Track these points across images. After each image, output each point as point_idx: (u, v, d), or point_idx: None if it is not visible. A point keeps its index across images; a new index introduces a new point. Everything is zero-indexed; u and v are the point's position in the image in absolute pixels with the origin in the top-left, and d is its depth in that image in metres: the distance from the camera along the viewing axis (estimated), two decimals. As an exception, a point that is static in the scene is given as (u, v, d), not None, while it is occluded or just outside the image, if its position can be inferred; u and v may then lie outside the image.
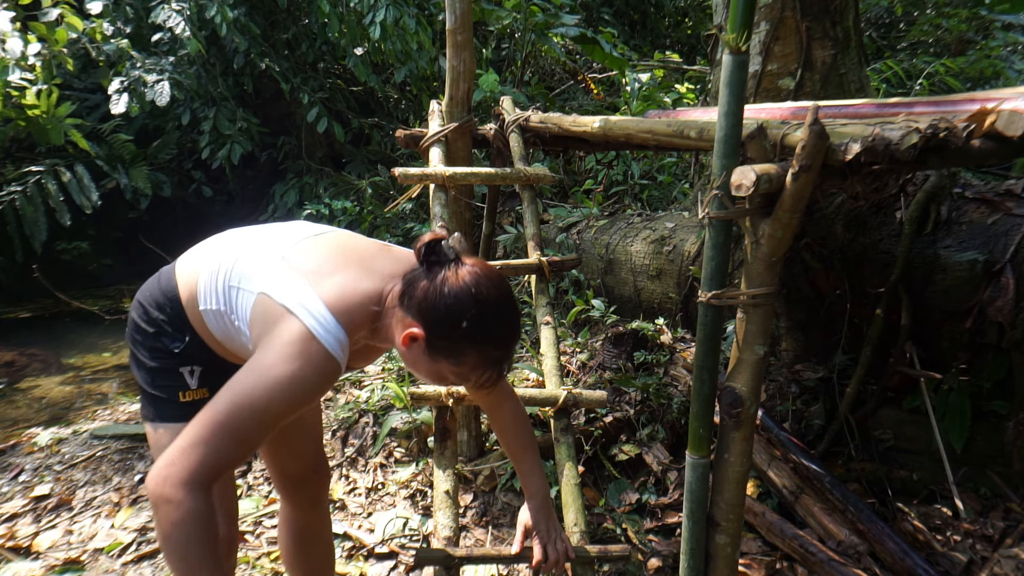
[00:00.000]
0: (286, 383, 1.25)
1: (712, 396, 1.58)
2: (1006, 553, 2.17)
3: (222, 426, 1.22)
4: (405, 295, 1.35)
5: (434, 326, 1.32)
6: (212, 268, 1.45)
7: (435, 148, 2.60)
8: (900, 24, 6.84)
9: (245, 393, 1.24)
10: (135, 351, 1.54)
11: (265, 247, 1.46)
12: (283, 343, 1.27)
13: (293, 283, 1.34)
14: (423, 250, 1.36)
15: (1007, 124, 1.34)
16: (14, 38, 4.73)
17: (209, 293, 1.44)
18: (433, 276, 1.33)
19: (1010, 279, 2.22)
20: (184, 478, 1.18)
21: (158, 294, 1.51)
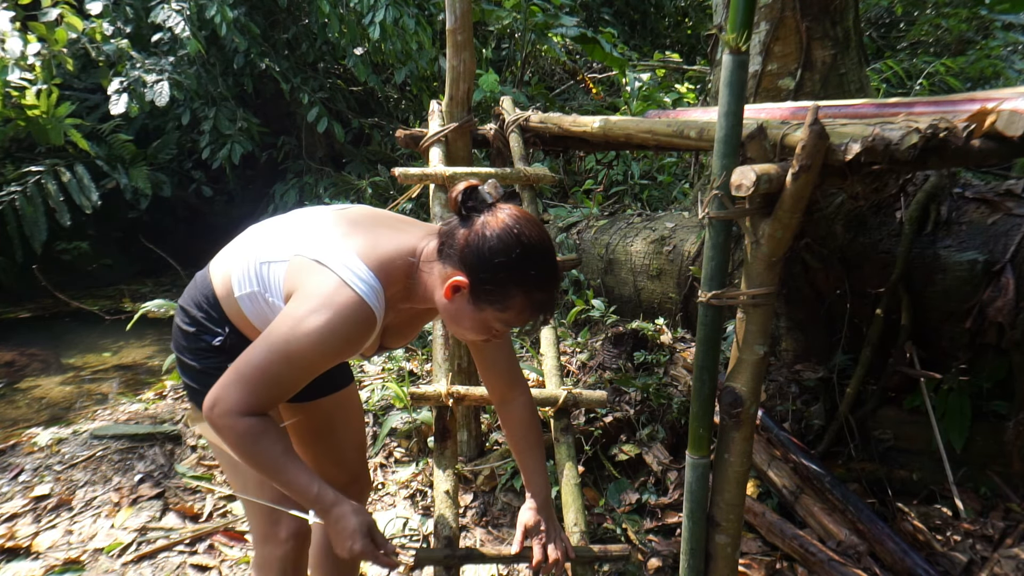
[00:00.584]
0: (317, 331, 1.27)
1: (712, 396, 1.58)
2: (1006, 553, 2.17)
3: (259, 370, 1.28)
4: (444, 247, 1.36)
5: (479, 270, 1.31)
6: (243, 255, 1.48)
7: (435, 148, 2.60)
8: (900, 24, 6.84)
9: (280, 340, 1.28)
10: (182, 357, 1.55)
11: (293, 225, 1.51)
12: (315, 293, 1.30)
13: (323, 240, 1.39)
14: (460, 197, 1.35)
15: (1007, 124, 1.34)
16: (14, 38, 4.73)
17: (243, 279, 1.45)
18: (472, 222, 1.33)
19: (1010, 279, 2.22)
20: (229, 408, 1.27)
21: (196, 294, 1.54)
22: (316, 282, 1.31)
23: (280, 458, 1.31)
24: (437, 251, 1.37)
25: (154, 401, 3.50)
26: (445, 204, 2.36)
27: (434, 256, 1.38)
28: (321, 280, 1.31)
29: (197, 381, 1.53)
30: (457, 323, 1.41)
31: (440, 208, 2.34)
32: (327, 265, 1.32)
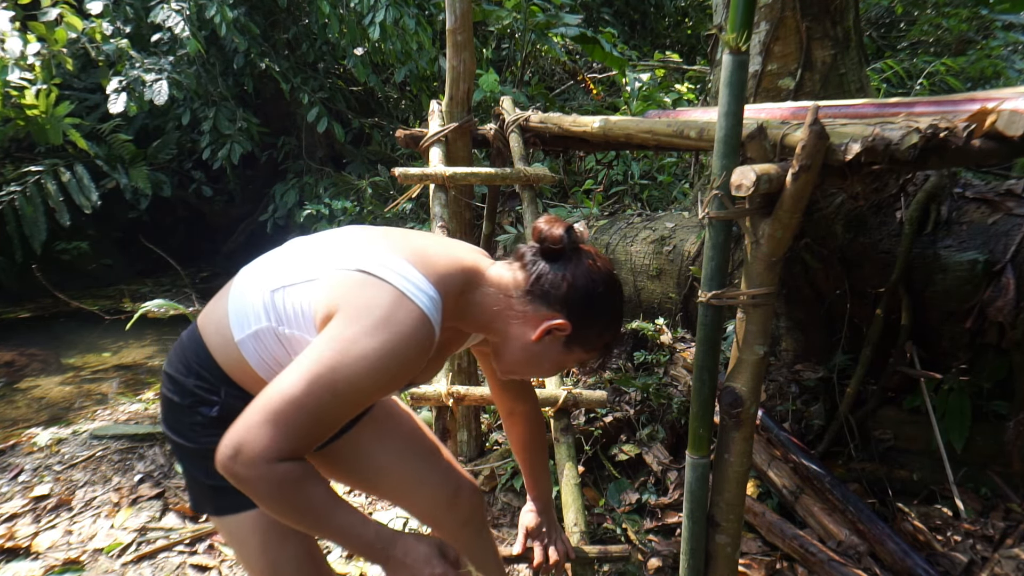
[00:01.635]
0: (374, 355, 1.07)
1: (712, 396, 1.57)
2: (1006, 553, 2.17)
3: (296, 404, 1.05)
4: (538, 285, 1.25)
5: (584, 315, 1.26)
6: (244, 292, 1.27)
7: (435, 148, 2.60)
8: (900, 24, 6.84)
9: (324, 368, 1.06)
10: (176, 439, 1.32)
11: (307, 247, 1.30)
12: (367, 309, 1.10)
13: (362, 251, 1.19)
14: (567, 237, 1.26)
15: (1007, 124, 1.33)
16: (13, 38, 4.73)
17: (247, 316, 1.24)
18: (574, 264, 1.26)
19: (1010, 279, 2.22)
20: (260, 454, 1.03)
21: (184, 356, 1.32)
22: (367, 296, 1.11)
23: (327, 504, 1.11)
24: (528, 289, 1.26)
25: (154, 401, 3.50)
26: (445, 204, 2.35)
27: (521, 291, 1.26)
28: (374, 293, 1.11)
29: (195, 467, 1.30)
30: (533, 364, 1.33)
31: (440, 208, 2.34)
32: (378, 275, 1.13)
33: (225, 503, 1.30)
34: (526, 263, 1.29)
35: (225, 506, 1.31)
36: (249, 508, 1.30)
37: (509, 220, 5.00)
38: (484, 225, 3.19)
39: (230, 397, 1.27)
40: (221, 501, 1.31)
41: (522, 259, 1.30)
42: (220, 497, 1.30)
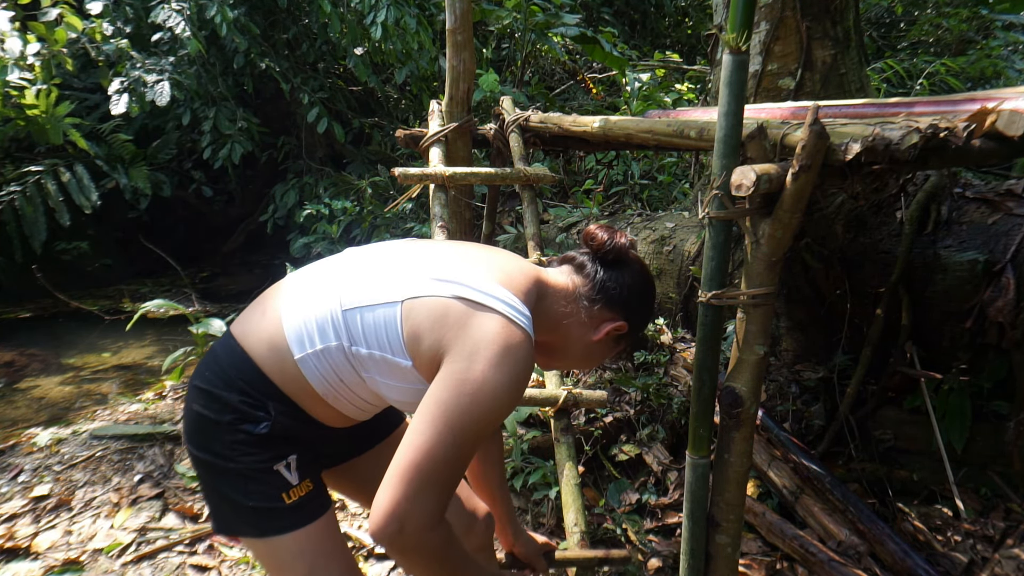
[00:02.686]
0: (504, 391, 1.11)
1: (712, 396, 1.57)
2: (1007, 553, 2.17)
3: (447, 462, 1.08)
4: (599, 292, 1.34)
5: (639, 315, 1.39)
6: (300, 308, 1.24)
7: (435, 148, 2.60)
8: (900, 24, 6.84)
9: (465, 415, 1.08)
10: (206, 457, 1.25)
11: (365, 264, 1.28)
12: (483, 341, 1.11)
13: (451, 271, 1.20)
14: (628, 244, 1.37)
15: (1007, 124, 1.33)
16: (13, 38, 4.73)
17: (310, 332, 1.22)
18: (628, 269, 1.37)
19: (1010, 279, 2.22)
20: (425, 523, 1.08)
21: (225, 371, 1.25)
22: (478, 327, 1.12)
23: (469, 561, 1.20)
24: (591, 294, 1.34)
25: (154, 401, 3.50)
26: (445, 204, 2.35)
27: (585, 296, 1.34)
28: (482, 323, 1.13)
29: (231, 487, 1.24)
30: (589, 359, 1.42)
31: (440, 208, 2.34)
32: (479, 302, 1.15)
33: (270, 525, 1.27)
34: (586, 270, 1.36)
35: (270, 528, 1.27)
36: (294, 529, 1.26)
37: (509, 220, 5.00)
38: (484, 225, 3.19)
39: (279, 414, 1.24)
40: (265, 523, 1.26)
41: (579, 266, 1.38)
42: (264, 519, 1.26)
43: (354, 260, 1.32)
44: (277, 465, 1.24)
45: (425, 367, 1.18)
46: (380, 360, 1.20)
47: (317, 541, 1.29)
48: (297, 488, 1.26)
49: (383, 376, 1.23)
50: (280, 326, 1.24)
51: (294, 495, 1.26)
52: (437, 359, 1.14)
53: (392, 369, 1.21)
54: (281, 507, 1.25)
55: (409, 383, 1.22)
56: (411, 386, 1.22)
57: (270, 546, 1.29)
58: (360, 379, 1.24)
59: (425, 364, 1.17)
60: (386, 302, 1.19)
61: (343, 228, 5.67)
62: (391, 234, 5.52)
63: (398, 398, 1.27)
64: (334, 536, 1.34)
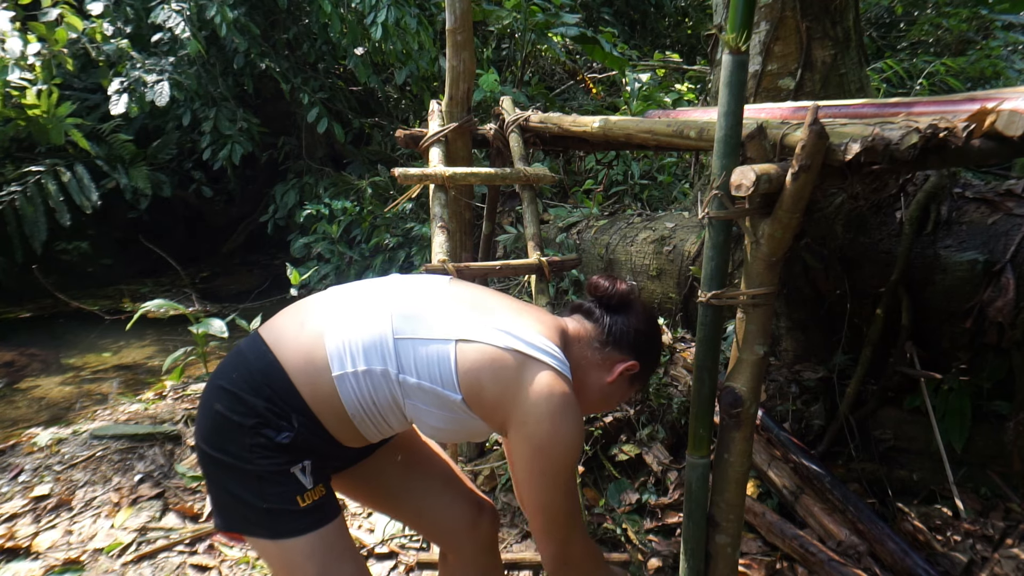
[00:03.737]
0: (574, 436, 1.30)
1: (712, 396, 1.58)
2: (1006, 553, 2.17)
3: (565, 506, 1.33)
4: (609, 336, 1.45)
5: (648, 355, 1.51)
6: (345, 328, 1.29)
7: (435, 148, 2.60)
8: (900, 24, 6.84)
9: (557, 470, 1.29)
10: (221, 457, 1.28)
11: (422, 299, 1.37)
12: (545, 398, 1.27)
13: (502, 323, 1.33)
14: (625, 292, 1.50)
15: (1007, 124, 1.34)
16: (14, 38, 4.73)
17: (354, 353, 1.27)
18: (632, 313, 1.49)
19: (1010, 279, 2.22)
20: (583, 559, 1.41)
21: (251, 374, 1.28)
22: (538, 385, 1.28)
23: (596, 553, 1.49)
24: (603, 339, 1.45)
25: (154, 401, 3.50)
26: (445, 204, 2.35)
27: (598, 342, 1.46)
28: (541, 379, 1.28)
29: (244, 488, 1.28)
30: (606, 401, 1.52)
31: (440, 208, 2.34)
32: (532, 356, 1.29)
33: (284, 527, 1.29)
34: (595, 317, 1.48)
35: (283, 530, 1.29)
36: (307, 531, 1.29)
37: (509, 220, 5.00)
38: (484, 225, 3.19)
39: (302, 426, 1.28)
40: (279, 525, 1.29)
41: (587, 312, 1.50)
42: (278, 521, 1.29)
43: (402, 289, 1.40)
44: (293, 468, 1.28)
45: (483, 409, 1.32)
46: (429, 391, 1.29)
47: (328, 544, 1.32)
48: (311, 492, 1.30)
49: (426, 405, 1.32)
50: (321, 342, 1.28)
51: (308, 499, 1.29)
52: (501, 410, 1.30)
53: (439, 400, 1.31)
54: (296, 510, 1.28)
55: (453, 413, 1.33)
56: (453, 415, 1.33)
57: (282, 548, 1.31)
58: (395, 405, 1.32)
59: (485, 408, 1.32)
60: (440, 339, 1.29)
61: (343, 228, 5.67)
62: (391, 234, 5.52)
63: (435, 424, 1.36)
64: (344, 539, 1.38)
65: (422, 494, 1.61)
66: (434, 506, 1.61)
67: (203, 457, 1.32)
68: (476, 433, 1.43)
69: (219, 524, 1.35)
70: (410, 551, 2.44)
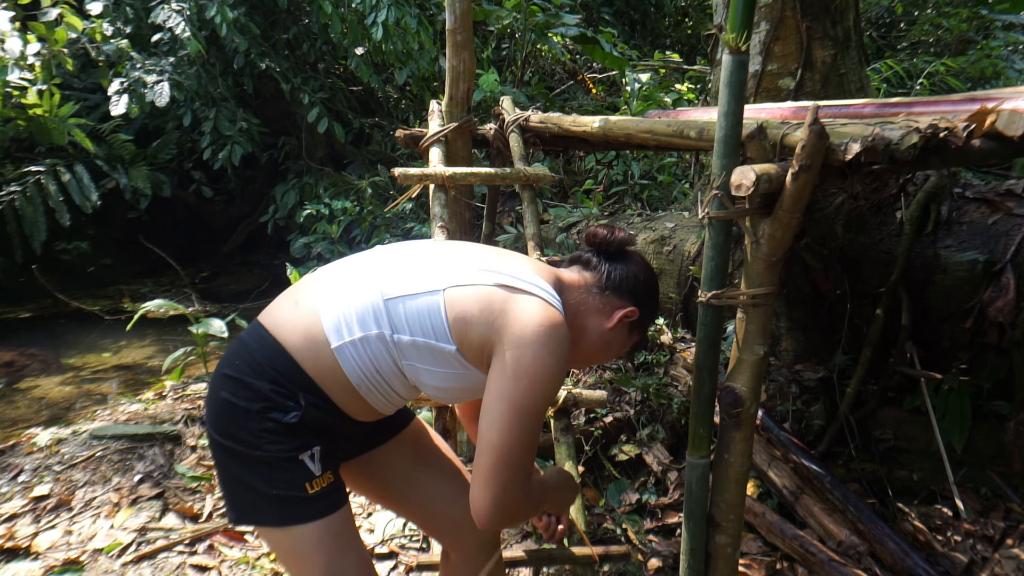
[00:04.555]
0: (554, 370, 1.23)
1: (712, 396, 1.57)
2: (1007, 553, 2.17)
3: (524, 447, 1.23)
4: (607, 281, 1.44)
5: (647, 301, 1.48)
6: (337, 299, 1.29)
7: (435, 148, 2.60)
8: (900, 24, 6.84)
9: (525, 403, 1.21)
10: (230, 444, 1.28)
11: (405, 259, 1.36)
12: (531, 327, 1.22)
13: (489, 264, 1.31)
14: (625, 238, 1.48)
15: (1007, 124, 1.33)
16: (13, 38, 4.73)
17: (348, 322, 1.27)
18: (630, 260, 1.47)
19: (1010, 279, 2.22)
20: (523, 505, 1.30)
21: (254, 358, 1.28)
22: (523, 311, 1.23)
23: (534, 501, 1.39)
24: (602, 285, 1.44)
25: (154, 401, 3.50)
26: (445, 204, 2.35)
27: (597, 287, 1.44)
28: (527, 307, 1.24)
29: (254, 475, 1.27)
30: (606, 349, 1.48)
31: (440, 208, 2.34)
32: (520, 288, 1.26)
33: (292, 514, 1.29)
34: (592, 264, 1.47)
35: (291, 517, 1.29)
36: (315, 519, 1.29)
37: (509, 220, 5.00)
38: (484, 225, 3.19)
39: (309, 404, 1.27)
40: (287, 512, 1.28)
41: (586, 262, 1.48)
42: (286, 508, 1.28)
43: (388, 255, 1.39)
44: (302, 455, 1.27)
45: (473, 352, 1.27)
46: (423, 346, 1.27)
47: (336, 532, 1.32)
48: (320, 479, 1.29)
49: (424, 363, 1.29)
50: (317, 316, 1.28)
51: (317, 485, 1.28)
52: (487, 346, 1.25)
53: (435, 355, 1.28)
54: (304, 496, 1.27)
55: (451, 368, 1.30)
56: (452, 371, 1.31)
57: (290, 536, 1.30)
58: (397, 368, 1.30)
59: (473, 349, 1.27)
60: (429, 290, 1.27)
61: (343, 228, 5.67)
62: (391, 234, 5.52)
63: (436, 383, 1.33)
64: (351, 529, 1.38)
65: (428, 490, 1.60)
66: (439, 502, 1.61)
67: (213, 446, 1.32)
68: (478, 389, 1.37)
69: (232, 518, 1.35)
70: (410, 551, 2.44)
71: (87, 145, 5.47)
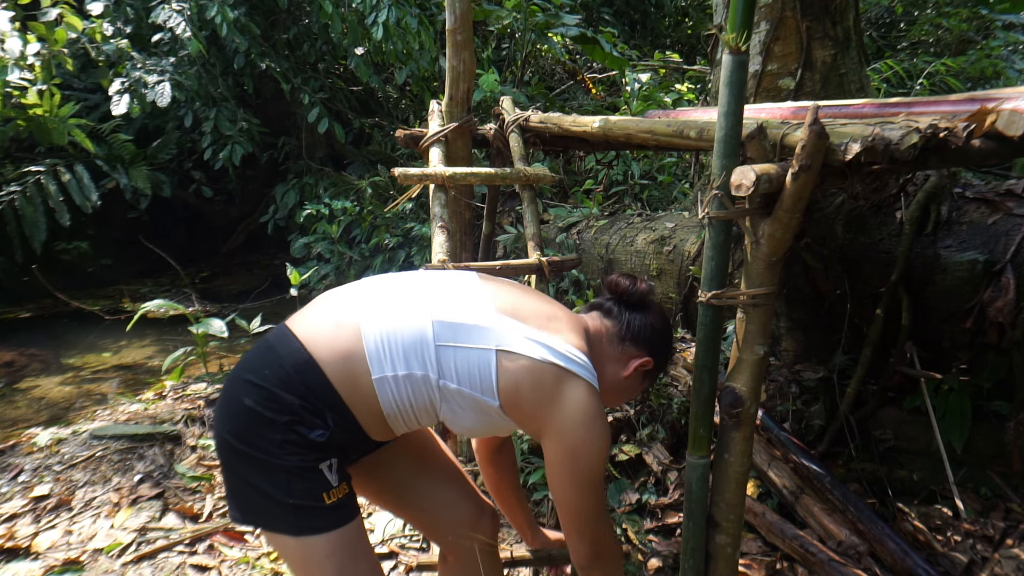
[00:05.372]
0: (602, 441, 1.36)
1: (712, 396, 1.58)
2: (1007, 553, 2.17)
3: (594, 506, 1.41)
4: (626, 332, 1.52)
5: (662, 352, 1.57)
6: (386, 328, 1.31)
7: (435, 148, 2.60)
8: (900, 24, 6.84)
9: (588, 473, 1.36)
10: (248, 450, 1.27)
11: (447, 294, 1.39)
12: (572, 415, 1.34)
13: (537, 334, 1.38)
14: (647, 290, 1.56)
15: (1007, 124, 1.33)
16: (13, 38, 4.73)
17: (394, 357, 1.30)
18: (649, 311, 1.55)
19: (1010, 279, 2.22)
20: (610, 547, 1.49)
21: (285, 370, 1.27)
22: (571, 395, 1.34)
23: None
24: (621, 335, 1.52)
25: (154, 401, 3.50)
26: (445, 204, 2.35)
27: (616, 337, 1.52)
28: (575, 391, 1.35)
29: (272, 483, 1.26)
30: (620, 395, 1.58)
31: (440, 208, 2.33)
32: (567, 368, 1.35)
33: (308, 524, 1.30)
34: (614, 314, 1.54)
35: (307, 527, 1.30)
36: (330, 530, 1.30)
37: (509, 220, 5.00)
38: (484, 225, 3.19)
39: (336, 425, 1.29)
40: (304, 521, 1.29)
41: (607, 311, 1.55)
42: (303, 517, 1.29)
43: (436, 288, 1.42)
44: (321, 465, 1.29)
45: (517, 414, 1.38)
46: (468, 396, 1.34)
47: (348, 543, 1.34)
48: (336, 490, 1.31)
49: (462, 408, 1.36)
50: (359, 342, 1.30)
51: (333, 496, 1.30)
52: (538, 420, 1.36)
53: (476, 404, 1.36)
54: (321, 507, 1.29)
55: (486, 416, 1.39)
56: (487, 418, 1.40)
57: (303, 545, 1.31)
58: (431, 406, 1.36)
59: (521, 413, 1.37)
60: (481, 347, 1.33)
61: (343, 228, 5.67)
62: (391, 234, 5.51)
63: (467, 424, 1.42)
64: (364, 539, 1.40)
65: (428, 492, 1.62)
66: (438, 505, 1.62)
67: (228, 450, 1.30)
68: (503, 430, 1.53)
69: (236, 517, 1.35)
70: (410, 551, 2.44)
71: (87, 145, 5.47)
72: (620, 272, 1.62)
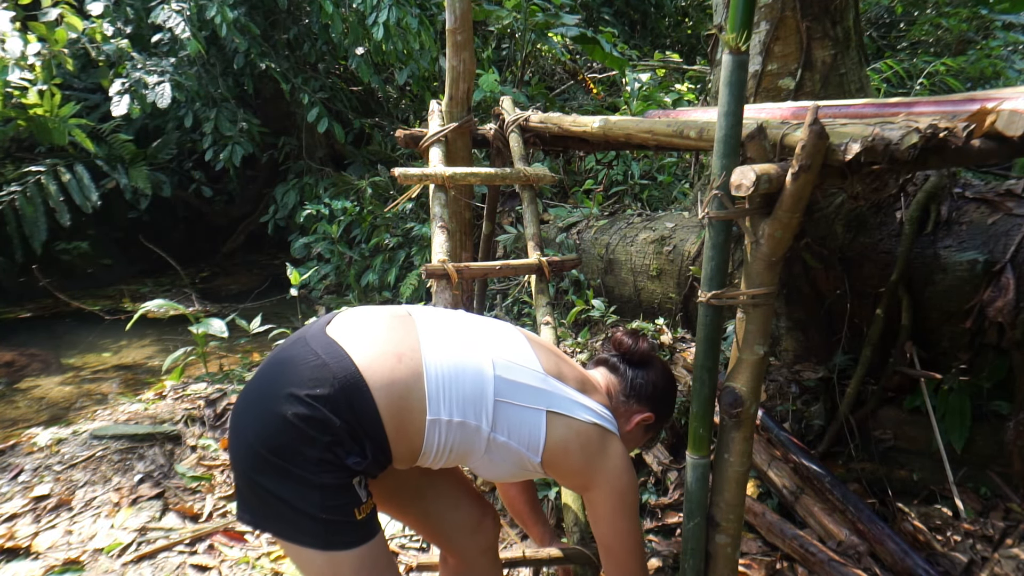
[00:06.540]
0: (635, 488, 1.52)
1: (712, 396, 1.58)
2: (1006, 553, 2.17)
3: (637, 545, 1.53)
4: (631, 389, 1.60)
5: (664, 408, 1.64)
6: (450, 371, 1.35)
7: (435, 148, 2.60)
8: (900, 24, 6.84)
9: (628, 519, 1.49)
10: (283, 464, 1.23)
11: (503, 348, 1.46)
12: (616, 464, 1.47)
13: (581, 399, 1.49)
14: (647, 350, 1.63)
15: (1007, 124, 1.34)
16: (14, 38, 4.73)
17: (452, 403, 1.33)
18: (652, 368, 1.62)
19: (1010, 279, 2.22)
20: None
21: (338, 395, 1.25)
22: (610, 453, 1.47)
23: None
24: (624, 392, 1.60)
25: (154, 401, 3.50)
26: (445, 204, 2.35)
27: (620, 394, 1.60)
28: (612, 450, 1.48)
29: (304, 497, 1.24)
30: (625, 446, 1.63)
31: (440, 208, 2.34)
32: (607, 428, 1.49)
33: (339, 539, 1.29)
34: (619, 371, 1.62)
35: (336, 541, 1.28)
36: (359, 544, 1.31)
37: (509, 220, 5.00)
38: (484, 225, 3.19)
39: (373, 457, 1.30)
40: (335, 536, 1.28)
41: (612, 367, 1.63)
42: (335, 532, 1.28)
43: (497, 338, 1.48)
44: (355, 480, 1.30)
45: (559, 471, 1.50)
46: (513, 450, 1.41)
47: (375, 557, 1.35)
48: (365, 505, 1.32)
49: (502, 459, 1.43)
50: (421, 380, 1.32)
51: (363, 511, 1.31)
52: (583, 476, 1.48)
53: (517, 457, 1.43)
54: (353, 522, 1.29)
55: (520, 467, 1.46)
56: (521, 470, 1.48)
57: (331, 560, 1.29)
58: (469, 454, 1.41)
59: (566, 472, 1.50)
60: (534, 408, 1.41)
61: (343, 228, 5.67)
62: (391, 234, 5.52)
63: (498, 473, 1.49)
64: (387, 551, 1.42)
65: (432, 497, 1.63)
66: (440, 508, 1.64)
67: (255, 459, 1.26)
68: (528, 476, 1.60)
69: (248, 521, 1.32)
70: (410, 551, 2.44)
71: (87, 145, 5.47)
72: (623, 329, 1.69)
